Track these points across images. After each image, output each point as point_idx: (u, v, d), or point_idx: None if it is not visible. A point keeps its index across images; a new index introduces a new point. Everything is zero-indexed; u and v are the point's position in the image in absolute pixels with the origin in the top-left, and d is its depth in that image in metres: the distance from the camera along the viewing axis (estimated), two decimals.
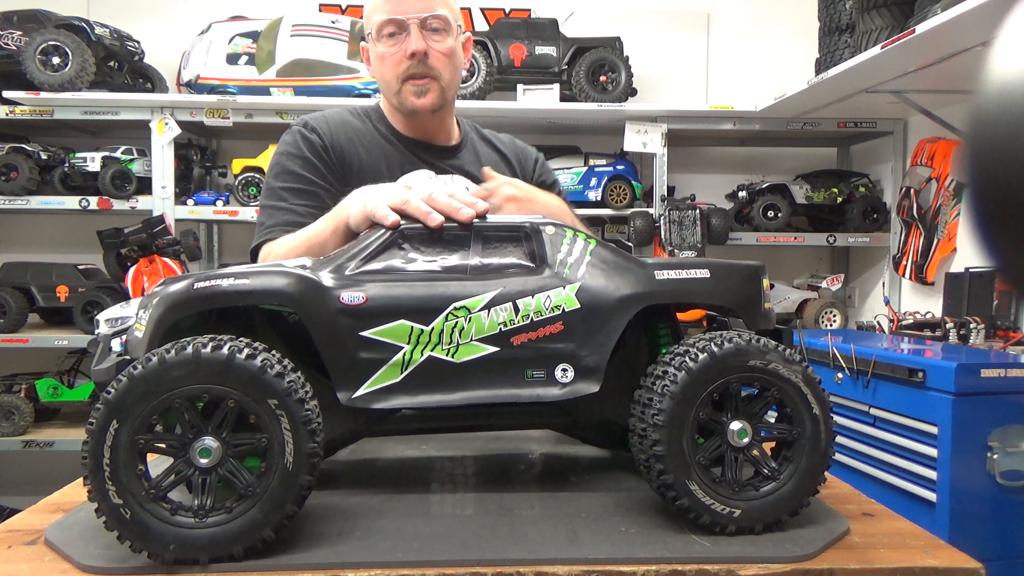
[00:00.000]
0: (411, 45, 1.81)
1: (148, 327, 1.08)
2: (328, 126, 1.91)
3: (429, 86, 1.87)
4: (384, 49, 1.85)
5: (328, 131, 1.89)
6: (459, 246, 1.20)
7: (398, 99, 1.89)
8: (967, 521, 2.31)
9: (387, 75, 1.88)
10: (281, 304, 1.15)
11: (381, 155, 1.92)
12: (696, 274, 1.20)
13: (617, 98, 4.11)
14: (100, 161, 3.93)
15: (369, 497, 1.29)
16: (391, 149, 1.94)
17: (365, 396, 1.13)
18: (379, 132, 1.97)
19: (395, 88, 1.87)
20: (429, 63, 1.84)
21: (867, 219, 4.19)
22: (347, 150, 1.89)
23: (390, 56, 1.85)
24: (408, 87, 1.86)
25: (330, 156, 1.87)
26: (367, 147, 1.91)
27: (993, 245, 0.46)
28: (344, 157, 1.88)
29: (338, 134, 1.90)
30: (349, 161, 1.88)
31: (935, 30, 2.59)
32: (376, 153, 1.92)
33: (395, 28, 1.83)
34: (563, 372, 1.16)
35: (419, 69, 1.84)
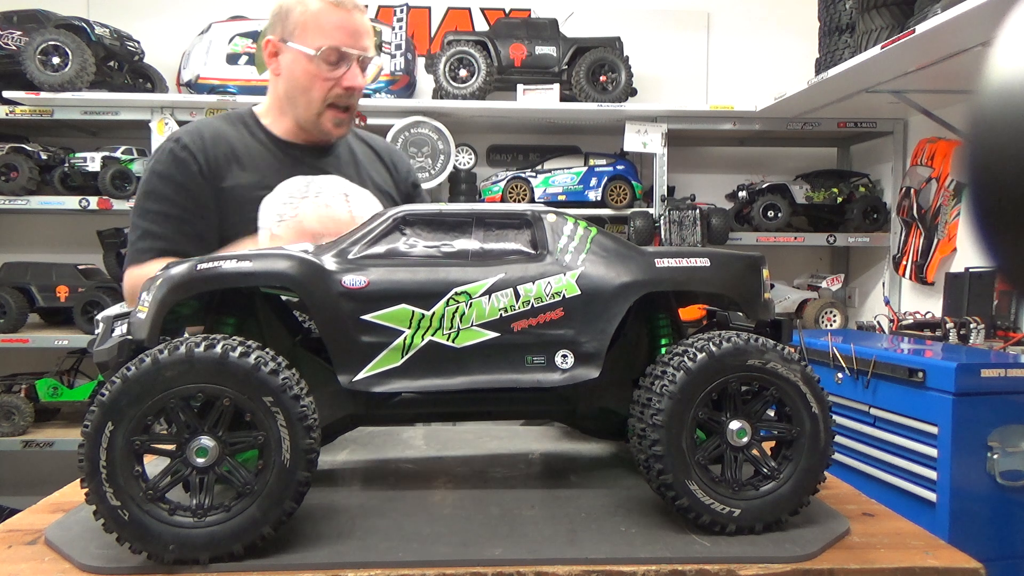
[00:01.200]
0: (350, 80, 1.92)
1: (151, 308, 1.09)
2: (202, 140, 1.92)
3: (347, 120, 1.99)
4: (322, 71, 1.90)
5: (202, 146, 1.91)
6: (461, 232, 1.21)
7: (315, 120, 1.95)
8: (967, 521, 2.31)
9: (314, 94, 1.92)
10: (283, 286, 1.15)
11: (257, 162, 1.95)
12: (696, 263, 1.20)
13: (617, 98, 4.11)
14: (100, 161, 3.93)
15: (369, 497, 1.29)
16: (267, 154, 1.98)
17: (366, 380, 1.13)
18: (255, 138, 2.00)
19: (317, 109, 1.94)
20: (353, 98, 1.96)
21: (867, 219, 4.19)
22: (222, 162, 1.92)
23: (325, 79, 1.91)
24: (330, 114, 1.95)
25: (204, 173, 1.89)
26: (241, 155, 1.94)
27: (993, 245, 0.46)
28: (219, 168, 1.91)
29: (212, 147, 1.92)
30: (223, 172, 1.91)
31: (935, 30, 2.59)
32: (252, 160, 1.95)
33: (339, 57, 1.90)
34: (563, 358, 1.16)
35: (347, 102, 1.95)
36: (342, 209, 1.97)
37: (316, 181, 1.96)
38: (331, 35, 1.88)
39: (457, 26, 4.67)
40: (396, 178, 2.21)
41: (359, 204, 2.01)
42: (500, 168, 4.56)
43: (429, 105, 4.07)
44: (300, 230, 1.77)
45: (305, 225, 1.79)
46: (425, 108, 4.07)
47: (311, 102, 1.93)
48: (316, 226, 1.75)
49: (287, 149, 2.00)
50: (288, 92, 1.97)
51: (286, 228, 1.83)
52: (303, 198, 1.94)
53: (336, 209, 1.97)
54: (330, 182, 1.98)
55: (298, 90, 1.94)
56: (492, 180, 4.26)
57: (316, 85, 1.91)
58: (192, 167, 1.88)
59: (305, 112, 1.95)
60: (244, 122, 2.02)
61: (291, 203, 1.93)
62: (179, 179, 1.87)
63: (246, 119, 2.03)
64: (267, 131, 2.01)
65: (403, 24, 4.19)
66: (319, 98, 1.92)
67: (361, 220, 1.97)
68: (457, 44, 4.06)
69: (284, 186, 1.92)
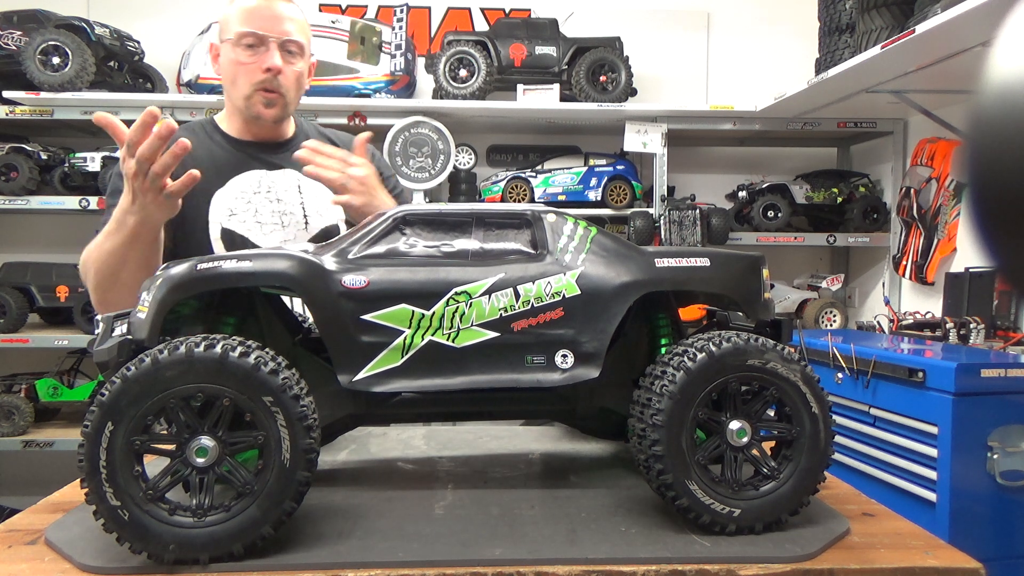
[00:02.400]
0: (268, 61, 1.98)
1: (151, 308, 1.09)
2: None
3: (277, 100, 2.03)
4: (241, 57, 1.98)
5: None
6: (461, 232, 1.21)
7: (246, 104, 2.02)
8: (967, 521, 2.31)
9: (240, 81, 2.01)
10: (283, 286, 1.15)
11: (211, 163, 2.00)
12: (696, 262, 1.20)
13: (617, 98, 4.11)
14: (100, 161, 3.93)
15: (369, 497, 1.29)
16: (222, 154, 2.05)
17: (366, 379, 1.13)
18: (212, 140, 2.08)
19: (246, 93, 2.01)
20: (280, 80, 2.01)
21: (867, 219, 4.19)
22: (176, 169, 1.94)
23: (247, 65, 1.99)
24: (258, 96, 2.01)
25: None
26: (197, 158, 1.96)
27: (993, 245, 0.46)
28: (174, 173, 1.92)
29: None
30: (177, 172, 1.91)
31: (935, 30, 2.59)
32: (210, 163, 2.00)
33: (255, 40, 1.98)
34: (563, 358, 1.16)
35: (271, 84, 2.00)
36: (294, 201, 2.05)
37: (270, 175, 2.05)
38: (248, 20, 1.98)
39: (457, 26, 4.67)
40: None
41: (311, 196, 2.09)
42: (500, 168, 4.56)
43: (429, 105, 4.07)
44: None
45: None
46: (425, 108, 4.07)
47: (239, 88, 2.01)
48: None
49: (242, 147, 2.08)
50: (226, 88, 2.07)
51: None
52: (255, 193, 2.01)
53: (288, 202, 2.04)
54: (283, 176, 2.07)
55: (228, 80, 2.04)
56: (492, 180, 4.26)
57: (239, 70, 2.00)
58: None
59: (237, 99, 2.03)
60: (204, 128, 2.11)
61: (243, 197, 2.00)
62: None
63: (205, 126, 2.13)
64: (223, 134, 2.10)
65: (403, 24, 4.19)
66: (245, 82, 2.00)
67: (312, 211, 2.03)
68: (457, 44, 4.06)
69: (237, 181, 2.01)
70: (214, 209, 1.96)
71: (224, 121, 2.13)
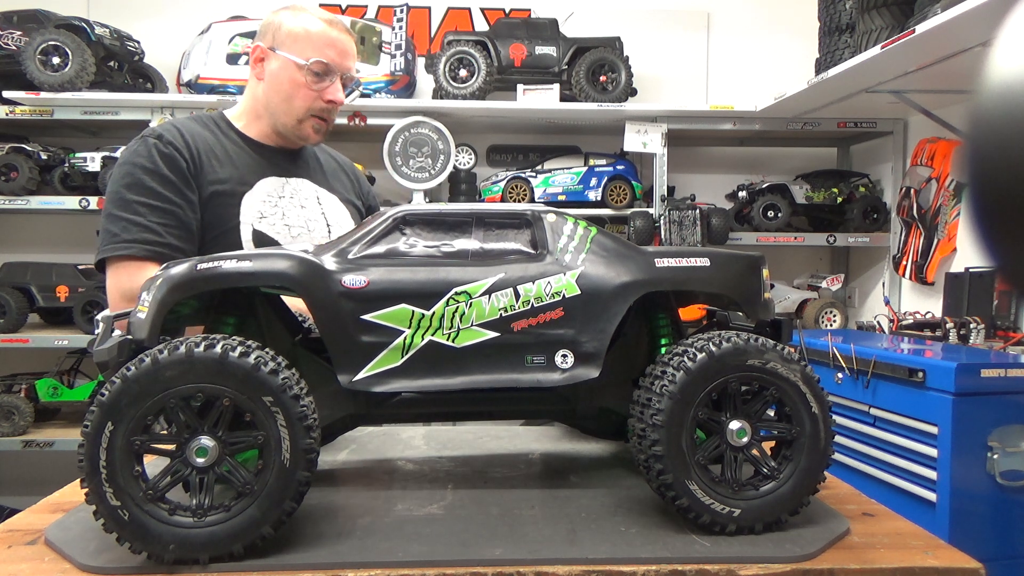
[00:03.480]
0: (333, 94, 2.02)
1: (151, 308, 1.09)
2: (183, 137, 1.93)
3: (325, 128, 2.08)
4: (308, 81, 1.98)
5: (184, 143, 1.92)
6: (461, 232, 1.21)
7: (296, 126, 2.02)
8: (967, 521, 2.31)
9: (298, 104, 2.00)
10: (283, 286, 1.15)
11: (235, 160, 1.99)
12: (696, 262, 1.20)
13: (617, 98, 4.11)
14: (100, 161, 3.93)
15: (369, 497, 1.29)
16: (243, 153, 2.02)
17: (366, 379, 1.13)
18: (229, 139, 2.04)
19: (300, 116, 2.01)
20: (334, 112, 2.07)
21: (867, 219, 4.19)
22: (203, 158, 1.94)
23: (309, 91, 1.99)
24: (312, 122, 2.03)
25: (189, 169, 1.90)
26: (219, 156, 1.98)
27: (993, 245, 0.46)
28: (201, 164, 1.93)
29: (193, 144, 1.94)
30: (207, 169, 1.94)
31: (935, 30, 2.59)
32: (229, 159, 1.99)
33: (325, 71, 1.99)
34: (563, 358, 1.16)
35: (327, 115, 2.05)
36: (316, 209, 2.05)
37: (291, 183, 2.04)
38: (321, 50, 1.98)
39: (457, 26, 4.67)
40: (358, 191, 2.29)
41: (329, 207, 2.10)
42: (500, 168, 4.56)
43: (429, 105, 4.07)
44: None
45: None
46: (425, 108, 4.07)
47: (292, 109, 2.00)
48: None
49: (260, 150, 2.05)
50: (269, 97, 2.02)
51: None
52: (280, 197, 2.00)
53: (311, 210, 2.05)
54: (303, 185, 2.07)
55: (281, 96, 2.00)
56: (492, 180, 4.26)
57: (300, 94, 1.99)
58: (180, 162, 1.88)
59: (285, 118, 2.01)
60: (216, 124, 2.06)
61: (270, 201, 1.99)
62: (165, 172, 1.86)
63: (218, 121, 2.07)
64: (240, 133, 2.06)
65: (403, 24, 4.19)
66: (302, 107, 2.00)
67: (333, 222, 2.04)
68: (457, 44, 4.06)
69: (263, 184, 1.98)
70: (244, 211, 1.92)
71: (241, 120, 2.07)
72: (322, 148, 2.27)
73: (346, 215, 2.12)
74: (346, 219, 2.12)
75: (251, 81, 2.07)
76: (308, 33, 1.98)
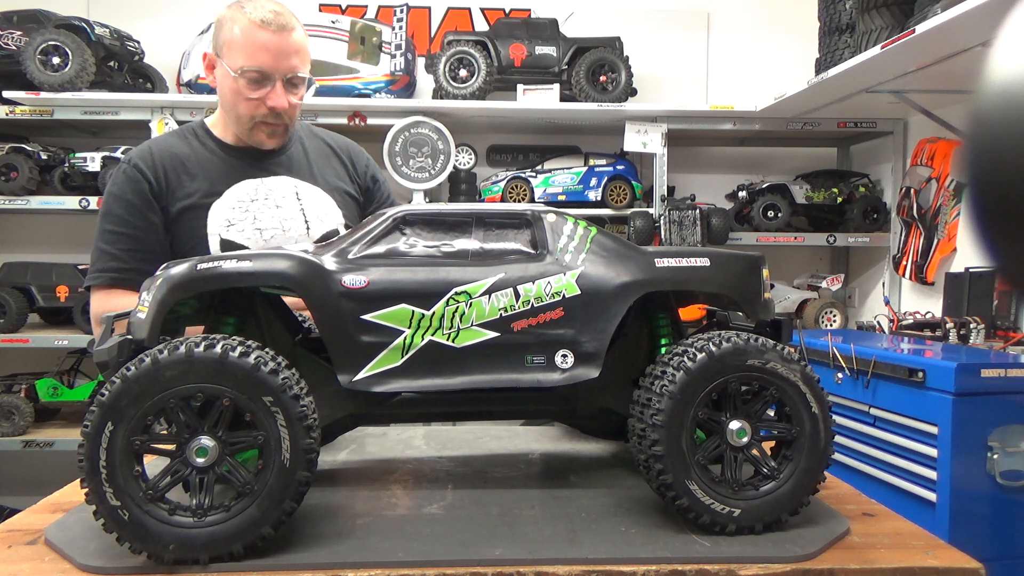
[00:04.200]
0: (275, 100, 1.93)
1: (151, 308, 1.09)
2: (151, 157, 1.97)
3: (279, 130, 2.01)
4: (244, 90, 1.92)
5: (152, 163, 1.95)
6: (461, 232, 1.21)
7: (248, 134, 2.00)
8: (967, 521, 2.31)
9: (241, 111, 1.95)
10: (283, 286, 1.15)
11: (207, 170, 1.99)
12: (696, 262, 1.20)
13: (617, 98, 4.11)
14: (100, 161, 3.93)
15: (369, 497, 1.29)
16: (216, 161, 2.02)
17: (366, 379, 1.13)
18: (205, 147, 2.04)
19: (247, 125, 1.98)
20: (283, 114, 1.97)
21: (867, 219, 4.19)
22: (171, 175, 1.96)
23: (249, 100, 1.93)
24: (262, 128, 1.98)
25: (155, 191, 1.94)
26: (190, 166, 1.98)
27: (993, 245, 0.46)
28: (168, 183, 1.95)
29: (160, 162, 1.96)
30: (173, 185, 1.96)
31: (935, 30, 2.59)
32: (201, 169, 1.99)
33: (261, 77, 1.91)
34: (563, 358, 1.16)
35: (274, 120, 1.97)
36: (294, 207, 2.02)
37: (266, 183, 2.01)
38: (253, 56, 1.89)
39: (457, 26, 4.67)
40: (353, 173, 2.23)
41: (311, 202, 2.06)
42: (500, 168, 4.56)
43: (429, 105, 4.07)
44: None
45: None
46: (425, 108, 4.07)
47: (239, 118, 1.98)
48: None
49: (236, 154, 2.04)
50: (222, 105, 2.02)
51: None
52: (253, 200, 1.99)
53: (288, 208, 2.02)
54: (280, 183, 2.03)
55: (227, 106, 1.99)
56: (492, 180, 4.26)
57: (240, 103, 1.94)
58: (143, 185, 1.93)
59: (235, 126, 2.01)
60: (195, 133, 2.07)
61: (240, 207, 1.98)
62: (129, 198, 1.92)
63: (196, 130, 2.08)
64: (217, 139, 2.06)
65: (403, 24, 4.19)
66: (246, 115, 1.96)
67: (313, 217, 2.02)
68: (457, 44, 4.06)
69: (233, 191, 1.97)
70: (212, 221, 1.93)
71: (218, 126, 2.07)
72: (313, 133, 2.23)
73: (331, 205, 2.08)
74: (331, 210, 2.07)
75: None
76: (238, 38, 1.90)
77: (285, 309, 1.35)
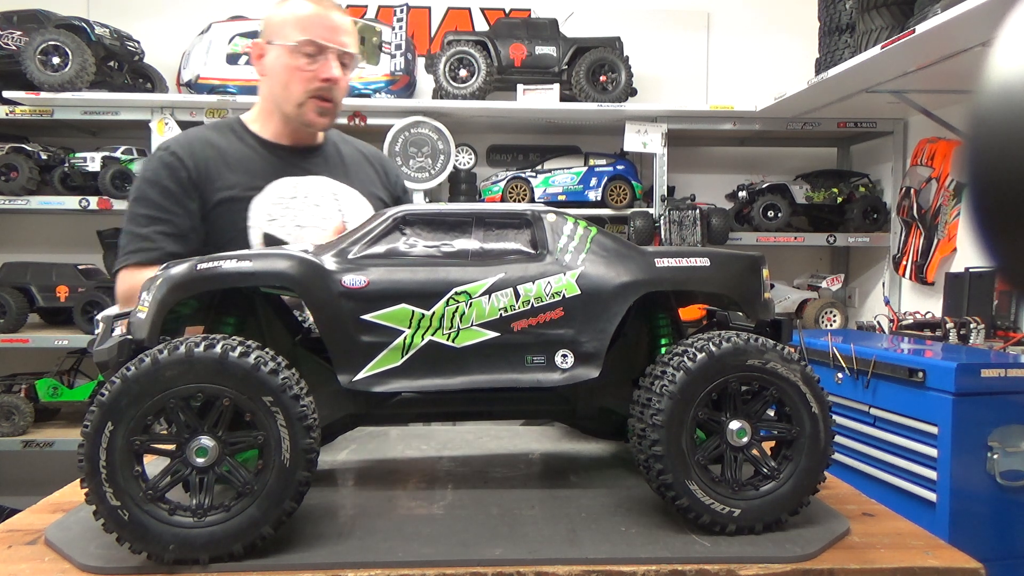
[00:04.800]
0: (327, 71, 1.97)
1: (151, 308, 1.09)
2: (190, 147, 1.98)
3: (330, 110, 2.03)
4: (300, 63, 1.96)
5: (190, 152, 1.96)
6: (461, 232, 1.21)
7: (298, 111, 2.00)
8: (967, 521, 2.30)
9: (294, 87, 1.98)
10: (283, 286, 1.15)
11: (246, 164, 2.00)
12: (696, 262, 1.20)
13: (617, 98, 4.11)
14: (100, 161, 3.93)
15: (369, 497, 1.29)
16: (255, 156, 2.03)
17: (366, 379, 1.13)
18: (243, 143, 2.05)
19: (299, 100, 1.99)
20: (334, 90, 2.01)
21: (867, 219, 4.19)
22: (211, 167, 1.97)
23: (303, 72, 1.97)
24: (312, 104, 2.00)
25: (192, 179, 1.94)
26: (230, 161, 1.99)
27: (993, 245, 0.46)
28: (208, 173, 1.96)
29: (200, 154, 1.97)
30: (213, 176, 1.96)
31: (935, 30, 2.59)
32: (240, 164, 2.00)
33: (315, 50, 1.96)
34: (563, 358, 1.16)
35: (327, 94, 2.00)
36: (331, 207, 2.04)
37: (304, 182, 2.03)
38: (308, 29, 1.96)
39: (457, 26, 4.67)
40: (385, 182, 2.26)
41: (348, 203, 2.07)
42: (500, 168, 4.56)
43: (429, 105, 4.07)
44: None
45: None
46: (425, 108, 4.07)
47: (292, 94, 1.99)
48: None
49: (275, 151, 2.05)
50: (272, 89, 2.03)
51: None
52: (292, 198, 2.00)
53: (326, 207, 2.03)
54: (318, 183, 2.05)
55: (280, 84, 2.00)
56: (492, 180, 4.26)
57: (295, 76, 1.97)
58: (181, 173, 1.93)
59: (287, 105, 2.01)
60: (232, 129, 2.08)
61: (281, 203, 1.99)
62: (166, 183, 1.92)
63: (234, 126, 2.09)
64: (255, 135, 2.07)
65: (403, 24, 4.19)
66: (300, 90, 1.98)
67: (350, 217, 2.03)
68: (457, 44, 4.06)
69: (273, 187, 1.98)
70: (253, 215, 1.94)
71: (256, 123, 2.09)
72: (346, 140, 2.25)
73: (368, 209, 2.10)
74: (367, 211, 2.10)
75: (260, 81, 2.08)
76: (295, 16, 1.97)
77: (285, 309, 1.35)
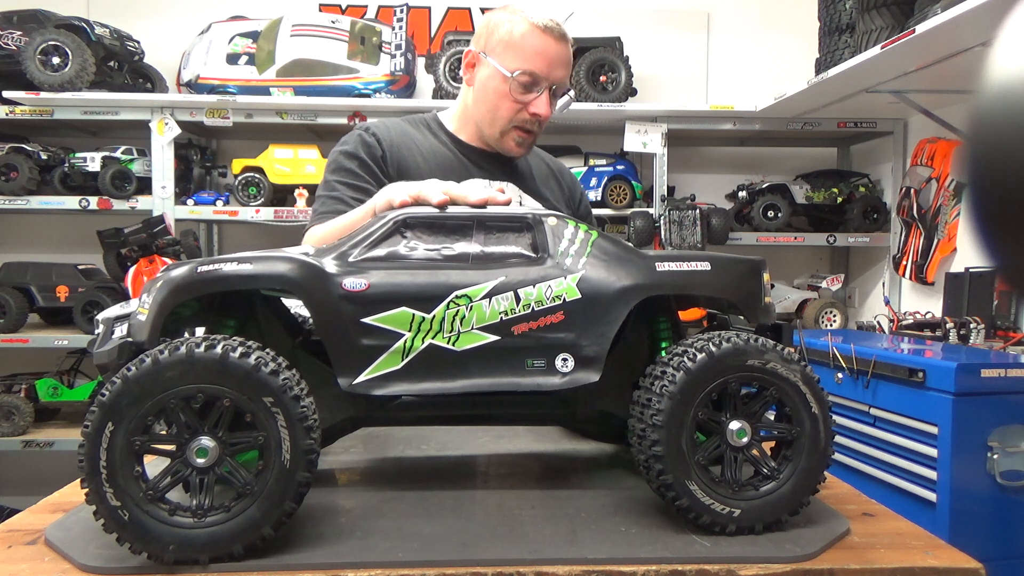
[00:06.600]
0: (538, 107, 1.92)
1: (151, 310, 1.08)
2: (389, 133, 1.98)
3: (529, 141, 2.00)
4: (513, 91, 1.91)
5: (388, 137, 1.95)
6: (462, 235, 1.21)
7: (499, 136, 1.97)
8: (967, 521, 2.31)
9: (502, 114, 1.94)
10: (283, 289, 1.15)
11: (440, 160, 1.98)
12: (697, 266, 1.20)
13: (617, 98, 4.11)
14: (100, 161, 3.93)
15: (369, 497, 1.29)
16: (450, 156, 2.01)
17: (366, 382, 1.13)
18: (438, 140, 2.03)
19: (503, 128, 1.96)
20: (538, 123, 1.96)
21: (867, 219, 4.19)
22: (406, 156, 1.95)
23: (513, 101, 1.92)
24: (514, 134, 1.97)
25: (386, 160, 1.94)
26: (425, 155, 1.98)
27: (993, 245, 0.46)
28: (403, 163, 1.95)
29: (397, 141, 1.96)
30: (407, 167, 1.94)
31: (935, 30, 2.59)
32: (434, 161, 1.98)
33: (531, 81, 1.90)
34: (563, 362, 1.16)
35: (532, 127, 1.96)
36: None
37: (493, 185, 1.98)
38: (530, 59, 1.88)
39: (457, 26, 4.67)
40: (568, 198, 2.24)
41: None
42: None
43: (429, 105, 4.07)
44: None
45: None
46: (425, 108, 4.06)
47: (496, 120, 1.95)
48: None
49: (469, 153, 2.03)
50: (476, 105, 1.99)
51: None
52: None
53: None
54: (507, 187, 2.00)
55: (487, 106, 1.96)
56: None
57: (504, 105, 1.93)
58: (377, 151, 1.94)
59: (488, 128, 1.98)
60: (428, 125, 2.07)
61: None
62: (363, 157, 1.93)
63: (430, 123, 2.08)
64: (451, 135, 2.05)
65: (403, 24, 4.19)
66: (505, 117, 1.94)
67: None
68: (457, 44, 4.06)
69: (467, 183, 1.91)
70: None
71: (453, 122, 2.07)
72: (535, 152, 2.21)
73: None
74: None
75: (463, 85, 2.04)
76: (520, 40, 1.88)
77: (285, 311, 1.35)
